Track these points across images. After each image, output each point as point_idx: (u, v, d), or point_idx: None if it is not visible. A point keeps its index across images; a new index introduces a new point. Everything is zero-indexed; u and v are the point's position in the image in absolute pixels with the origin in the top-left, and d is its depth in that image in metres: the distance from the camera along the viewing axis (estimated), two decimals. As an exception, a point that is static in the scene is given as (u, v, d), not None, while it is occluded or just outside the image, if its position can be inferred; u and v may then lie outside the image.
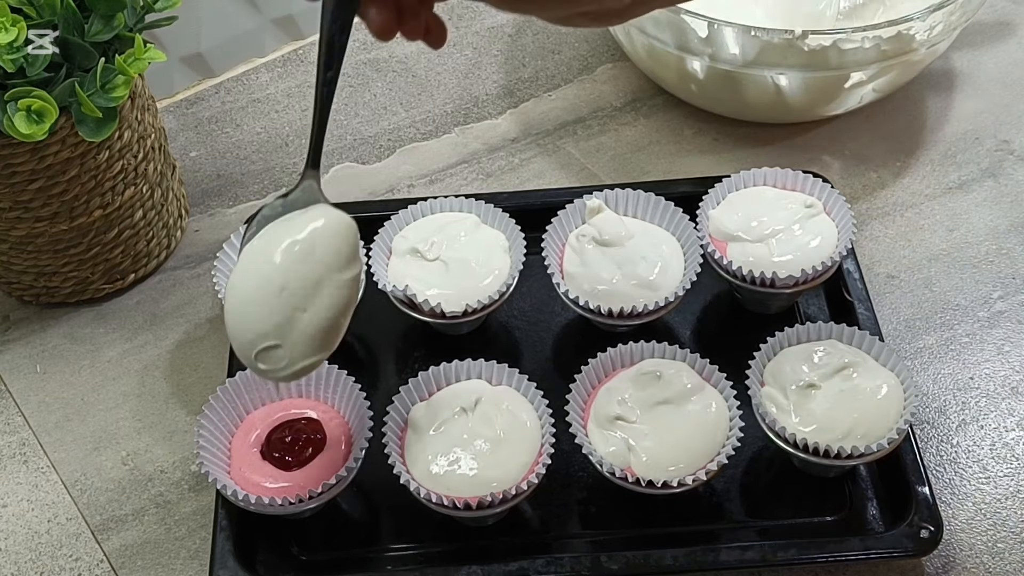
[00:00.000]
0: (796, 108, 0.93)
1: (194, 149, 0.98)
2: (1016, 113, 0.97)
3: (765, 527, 0.72)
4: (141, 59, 0.75)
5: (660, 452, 0.69)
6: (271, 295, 0.58)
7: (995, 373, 0.80)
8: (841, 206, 0.81)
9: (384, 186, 0.95)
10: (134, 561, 0.74)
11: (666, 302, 0.77)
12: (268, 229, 0.60)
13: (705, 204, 0.81)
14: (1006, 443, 0.77)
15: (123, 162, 0.81)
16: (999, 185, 0.92)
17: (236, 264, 0.61)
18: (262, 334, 0.58)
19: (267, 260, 0.59)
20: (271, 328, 0.58)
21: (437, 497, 0.68)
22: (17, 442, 0.80)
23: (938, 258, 0.87)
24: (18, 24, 0.70)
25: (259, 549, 0.72)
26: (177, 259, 0.90)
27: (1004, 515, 0.73)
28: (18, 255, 0.83)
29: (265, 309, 0.58)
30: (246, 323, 0.59)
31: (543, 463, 0.69)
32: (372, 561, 0.72)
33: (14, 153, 0.75)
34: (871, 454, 0.69)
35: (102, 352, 0.84)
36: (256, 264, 0.59)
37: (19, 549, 0.75)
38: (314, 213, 0.60)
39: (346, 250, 0.60)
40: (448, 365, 0.74)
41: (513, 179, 0.94)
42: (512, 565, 0.69)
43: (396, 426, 0.72)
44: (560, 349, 0.82)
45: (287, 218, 0.60)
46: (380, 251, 0.81)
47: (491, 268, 0.80)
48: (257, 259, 0.59)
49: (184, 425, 0.80)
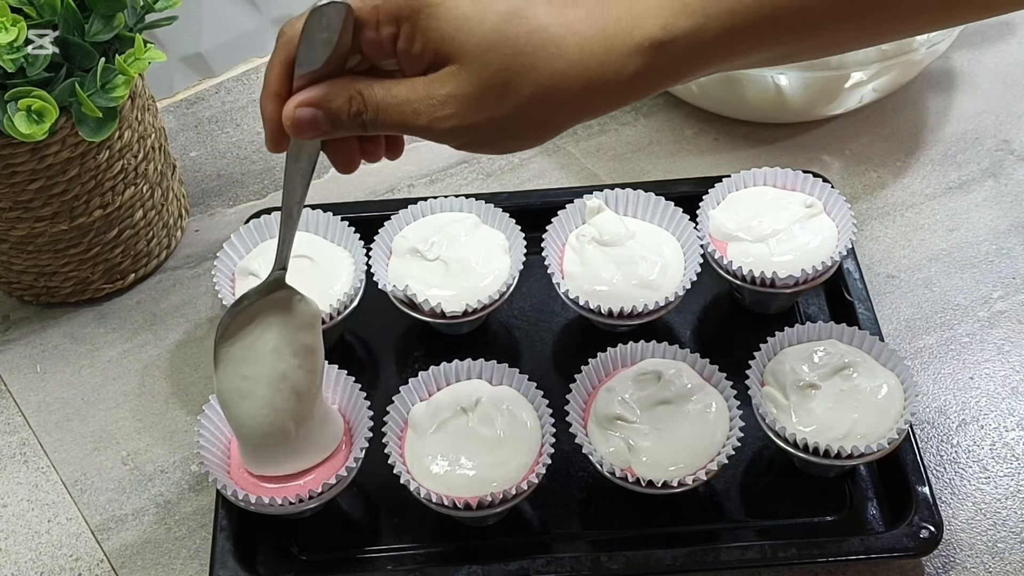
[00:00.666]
0: (796, 108, 0.93)
1: (194, 149, 0.98)
2: (1016, 113, 0.97)
3: (765, 527, 0.72)
4: (141, 59, 0.75)
5: (660, 452, 0.69)
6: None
7: (995, 373, 0.80)
8: (841, 206, 0.81)
9: (384, 186, 0.95)
10: (134, 561, 0.74)
11: (666, 302, 0.77)
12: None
13: (705, 204, 0.81)
14: (1006, 443, 0.77)
15: (123, 162, 0.81)
16: (999, 185, 0.92)
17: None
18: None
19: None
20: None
21: (437, 497, 0.68)
22: (17, 442, 0.80)
23: (938, 258, 0.87)
24: (18, 24, 0.70)
25: (259, 549, 0.72)
26: (177, 259, 0.90)
27: (1004, 515, 0.73)
28: (18, 255, 0.83)
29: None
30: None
31: (543, 463, 0.69)
32: (372, 561, 0.72)
33: (14, 153, 0.75)
34: (871, 454, 0.69)
35: (102, 352, 0.84)
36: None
37: (19, 549, 0.75)
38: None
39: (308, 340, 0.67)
40: (448, 365, 0.74)
41: (513, 179, 0.94)
42: (512, 565, 0.69)
43: (396, 426, 0.72)
44: (560, 349, 0.82)
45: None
46: (380, 251, 0.81)
47: (491, 268, 0.80)
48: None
49: (184, 425, 0.80)
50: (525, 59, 0.51)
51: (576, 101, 0.53)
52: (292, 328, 0.67)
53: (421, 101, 0.52)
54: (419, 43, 0.52)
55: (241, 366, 0.67)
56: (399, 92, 0.53)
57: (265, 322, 0.66)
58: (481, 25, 0.51)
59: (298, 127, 0.54)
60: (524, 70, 0.51)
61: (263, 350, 0.66)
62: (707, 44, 0.52)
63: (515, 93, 0.52)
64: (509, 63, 0.51)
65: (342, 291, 0.79)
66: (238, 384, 0.67)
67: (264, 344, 0.66)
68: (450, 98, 0.52)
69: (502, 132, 0.54)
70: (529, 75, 0.51)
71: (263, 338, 0.66)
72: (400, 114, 0.53)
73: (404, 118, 0.53)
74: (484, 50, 0.51)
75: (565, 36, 0.51)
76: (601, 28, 0.51)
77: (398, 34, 0.53)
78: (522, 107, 0.52)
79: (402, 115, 0.53)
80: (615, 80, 0.52)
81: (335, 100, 0.53)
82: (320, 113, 0.53)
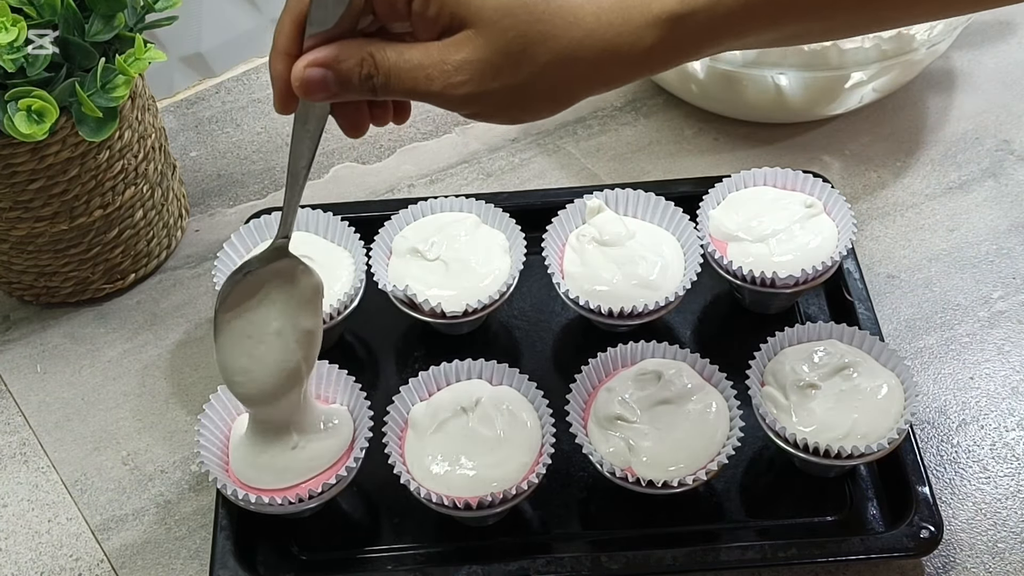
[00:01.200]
0: (796, 108, 0.93)
1: (194, 149, 0.98)
2: (1016, 113, 0.97)
3: (765, 527, 0.72)
4: (141, 59, 0.75)
5: (660, 452, 0.69)
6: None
7: (995, 373, 0.80)
8: (841, 206, 0.81)
9: (384, 186, 0.95)
10: (134, 561, 0.74)
11: (666, 302, 0.77)
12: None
13: (705, 204, 0.81)
14: (1006, 443, 0.77)
15: (123, 162, 0.81)
16: (999, 185, 0.92)
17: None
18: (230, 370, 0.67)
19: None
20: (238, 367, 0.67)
21: (437, 497, 0.68)
22: (17, 442, 0.80)
23: (938, 258, 0.87)
24: (18, 24, 0.70)
25: (259, 549, 0.72)
26: (177, 259, 0.90)
27: (1004, 515, 0.73)
28: (18, 255, 0.83)
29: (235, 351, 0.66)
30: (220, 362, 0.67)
31: (543, 463, 0.69)
32: (372, 561, 0.72)
33: (14, 153, 0.75)
34: (871, 454, 0.69)
35: (102, 352, 0.84)
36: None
37: (19, 549, 0.75)
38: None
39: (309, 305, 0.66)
40: (448, 365, 0.74)
41: (513, 179, 0.94)
42: (512, 565, 0.69)
43: (396, 426, 0.72)
44: (560, 349, 0.82)
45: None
46: (380, 251, 0.81)
47: (491, 268, 0.80)
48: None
49: (184, 425, 0.80)
50: (543, 26, 0.50)
51: (591, 71, 0.52)
52: (295, 306, 0.65)
53: (435, 66, 0.51)
54: (435, 6, 0.51)
55: (246, 342, 0.65)
56: (412, 56, 0.52)
57: (269, 297, 0.65)
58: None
59: (307, 88, 0.52)
60: (541, 37, 0.51)
61: (267, 330, 0.65)
62: (721, 19, 0.51)
63: (531, 60, 0.51)
64: (527, 29, 0.50)
65: (342, 291, 0.79)
66: (243, 363, 0.66)
67: (268, 324, 0.65)
68: (465, 63, 0.51)
69: (515, 100, 0.53)
70: (546, 43, 0.51)
71: (267, 317, 0.65)
72: (413, 79, 0.52)
73: (416, 83, 0.52)
74: (502, 15, 0.50)
75: (583, 4, 0.51)
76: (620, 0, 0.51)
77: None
78: (537, 75, 0.52)
79: (415, 80, 0.52)
80: (631, 51, 0.52)
81: (346, 62, 0.52)
82: (330, 74, 0.52)
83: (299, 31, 0.53)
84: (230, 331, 0.65)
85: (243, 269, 0.64)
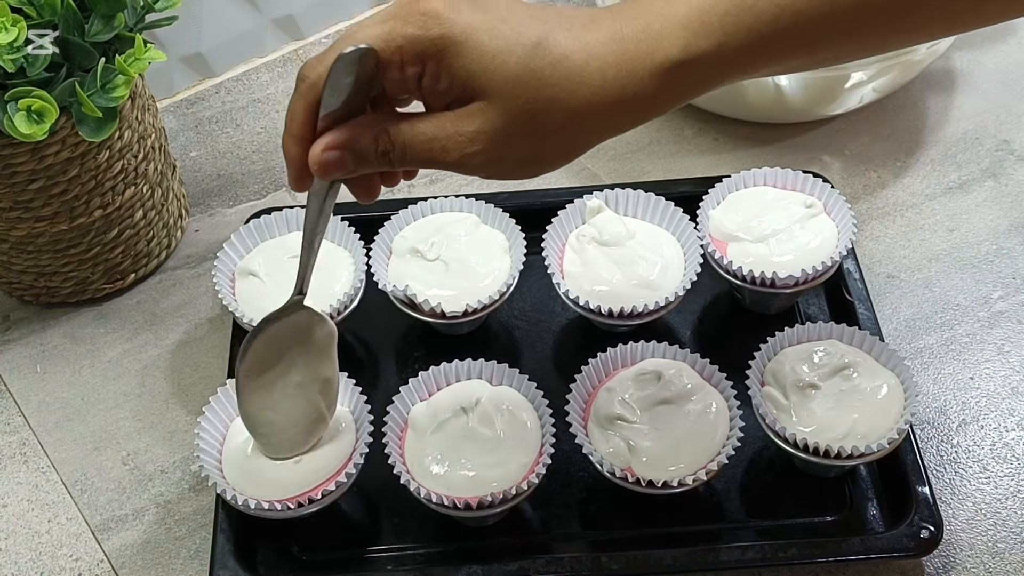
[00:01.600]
0: (796, 108, 0.93)
1: (194, 149, 0.98)
2: (1016, 113, 0.97)
3: (765, 527, 0.72)
4: (141, 59, 0.75)
5: (660, 452, 0.69)
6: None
7: (995, 373, 0.80)
8: (841, 206, 0.81)
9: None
10: (134, 561, 0.74)
11: (666, 302, 0.77)
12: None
13: (705, 204, 0.81)
14: (1006, 443, 0.77)
15: (123, 162, 0.81)
16: (999, 185, 0.92)
17: None
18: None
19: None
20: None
21: (437, 497, 0.68)
22: (17, 442, 0.80)
23: (938, 258, 0.87)
24: (18, 24, 0.70)
25: (259, 549, 0.72)
26: (177, 259, 0.90)
27: (1004, 515, 0.73)
28: (18, 255, 0.83)
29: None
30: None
31: (543, 463, 0.69)
32: (372, 561, 0.72)
33: (14, 153, 0.75)
34: (871, 454, 0.69)
35: (102, 352, 0.84)
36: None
37: (19, 549, 0.75)
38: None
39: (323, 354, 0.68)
40: (448, 365, 0.74)
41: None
42: (512, 565, 0.69)
43: (396, 426, 0.72)
44: (560, 349, 0.82)
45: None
46: (380, 251, 0.81)
47: (491, 268, 0.80)
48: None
49: (184, 425, 0.80)
50: (551, 91, 0.52)
51: (600, 124, 0.54)
52: (314, 356, 0.68)
53: (450, 138, 0.53)
54: (445, 81, 0.53)
55: (269, 397, 0.68)
56: (426, 129, 0.53)
57: (289, 351, 0.67)
58: (507, 61, 0.51)
59: (326, 170, 0.54)
60: (551, 103, 0.52)
61: (289, 384, 0.68)
62: (726, 61, 0.53)
63: (543, 125, 0.53)
64: (536, 95, 0.52)
65: (342, 291, 0.79)
66: (267, 416, 0.69)
67: (289, 377, 0.68)
68: (479, 134, 0.53)
69: (530, 160, 0.55)
70: (556, 107, 0.52)
71: (288, 370, 0.68)
72: (428, 151, 0.54)
73: (433, 155, 0.54)
74: (512, 86, 0.52)
75: (588, 63, 0.52)
76: (621, 51, 0.52)
77: (422, 72, 0.53)
78: (549, 136, 0.53)
79: (430, 152, 0.54)
80: (637, 101, 0.53)
81: (362, 141, 0.54)
82: (347, 154, 0.54)
83: (313, 117, 0.54)
84: (253, 387, 0.67)
85: (261, 326, 0.66)
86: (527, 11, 0.53)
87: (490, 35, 0.51)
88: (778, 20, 0.51)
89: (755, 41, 0.52)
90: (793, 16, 0.51)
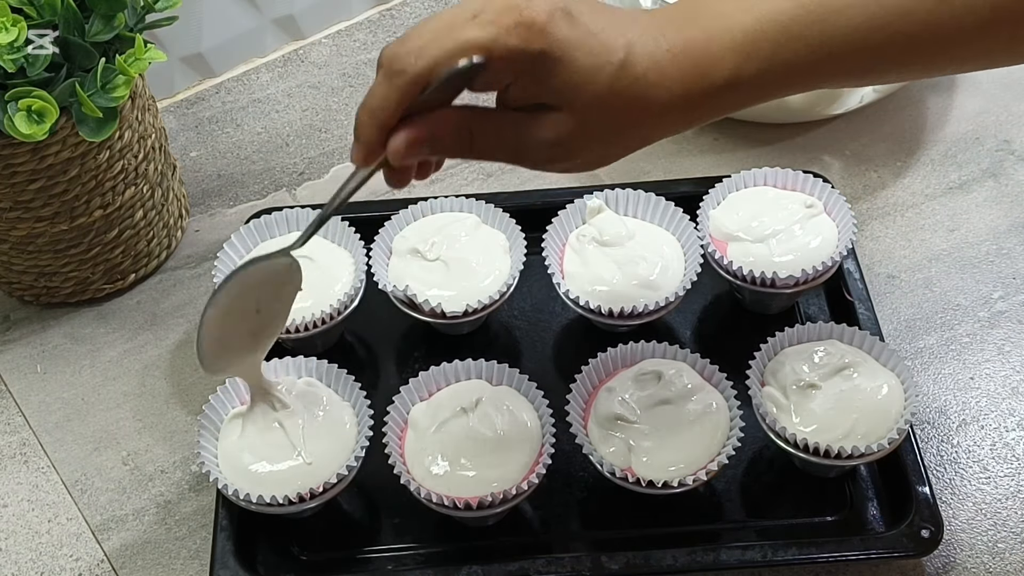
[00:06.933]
0: (796, 108, 0.93)
1: (194, 149, 0.98)
2: (1016, 113, 0.97)
3: (765, 527, 0.72)
4: (141, 59, 0.75)
5: (660, 452, 0.69)
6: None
7: (995, 373, 0.80)
8: (841, 206, 0.81)
9: (384, 186, 0.94)
10: (134, 561, 0.74)
11: (666, 302, 0.77)
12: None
13: (705, 204, 0.81)
14: (1006, 443, 0.77)
15: (123, 162, 0.81)
16: (999, 185, 0.92)
17: None
18: None
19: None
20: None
21: (437, 497, 0.68)
22: (17, 442, 0.80)
23: (938, 258, 0.87)
24: (18, 24, 0.70)
25: (259, 549, 0.72)
26: (177, 259, 0.90)
27: (1004, 515, 0.73)
28: (19, 255, 0.83)
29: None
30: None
31: (543, 463, 0.69)
32: (372, 561, 0.72)
33: (15, 153, 0.75)
34: (871, 454, 0.69)
35: (102, 352, 0.84)
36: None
37: (19, 549, 0.75)
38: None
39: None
40: (448, 365, 0.74)
41: (513, 179, 0.94)
42: (512, 565, 0.69)
43: (396, 426, 0.72)
44: (560, 349, 0.82)
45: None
46: (380, 251, 0.81)
47: (491, 268, 0.80)
48: None
49: (184, 425, 0.80)
50: (628, 112, 0.55)
51: (653, 135, 0.57)
52: (274, 295, 0.67)
53: (529, 144, 0.55)
54: (533, 92, 0.54)
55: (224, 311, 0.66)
56: (507, 134, 0.56)
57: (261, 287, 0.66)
58: (595, 81, 0.53)
59: (404, 158, 0.55)
60: (625, 121, 0.55)
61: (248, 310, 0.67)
62: (768, 84, 0.56)
63: (620, 142, 0.57)
64: (616, 115, 0.55)
65: (342, 291, 0.79)
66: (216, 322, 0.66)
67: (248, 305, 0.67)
68: (559, 142, 0.55)
69: (590, 163, 0.58)
70: (628, 123, 0.56)
71: (248, 299, 0.66)
72: (506, 152, 0.57)
73: (509, 156, 0.57)
74: (597, 103, 0.54)
75: (659, 83, 0.54)
76: (684, 71, 0.55)
77: (513, 82, 0.54)
78: (612, 145, 0.57)
79: (509, 153, 0.57)
80: (687, 115, 0.57)
81: (444, 137, 0.55)
82: (427, 147, 0.55)
83: (404, 110, 0.54)
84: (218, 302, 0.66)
85: (252, 261, 0.65)
86: (612, 19, 0.54)
87: (583, 52, 0.53)
88: (813, 52, 0.55)
89: (793, 68, 0.56)
90: (843, 41, 0.55)
